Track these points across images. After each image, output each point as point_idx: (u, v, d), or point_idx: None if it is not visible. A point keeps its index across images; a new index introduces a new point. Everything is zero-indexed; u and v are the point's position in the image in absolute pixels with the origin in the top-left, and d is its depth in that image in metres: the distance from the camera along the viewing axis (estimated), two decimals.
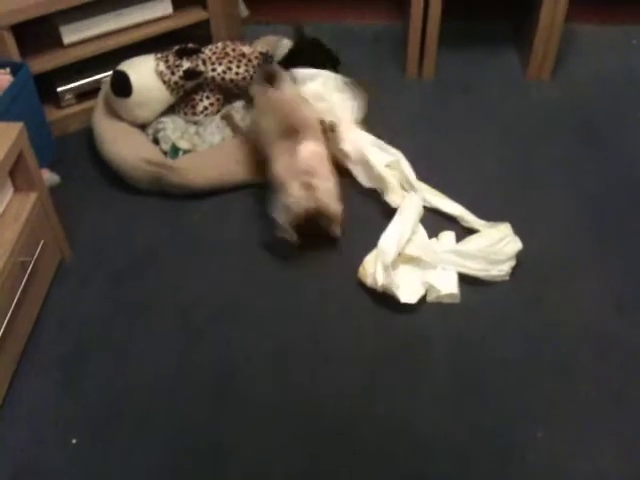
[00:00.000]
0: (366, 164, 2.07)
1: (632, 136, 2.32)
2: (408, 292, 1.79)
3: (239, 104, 2.31)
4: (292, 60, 2.28)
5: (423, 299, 1.81)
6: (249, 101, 2.20)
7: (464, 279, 1.84)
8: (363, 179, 2.09)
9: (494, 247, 1.86)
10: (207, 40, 2.38)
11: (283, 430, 1.57)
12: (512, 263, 1.86)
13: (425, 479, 1.49)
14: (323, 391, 1.64)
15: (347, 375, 1.67)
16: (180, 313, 1.82)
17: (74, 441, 1.55)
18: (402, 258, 1.85)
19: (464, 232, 1.96)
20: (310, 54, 2.29)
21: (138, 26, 2.34)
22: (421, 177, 2.08)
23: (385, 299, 1.79)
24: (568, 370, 1.66)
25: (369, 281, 1.81)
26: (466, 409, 1.60)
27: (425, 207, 2.02)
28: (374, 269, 1.80)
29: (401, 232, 1.87)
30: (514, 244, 1.87)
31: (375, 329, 1.77)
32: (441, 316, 1.79)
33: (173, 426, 1.58)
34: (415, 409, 1.60)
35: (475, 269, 1.84)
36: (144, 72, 2.13)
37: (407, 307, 1.78)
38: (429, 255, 1.85)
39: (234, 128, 2.25)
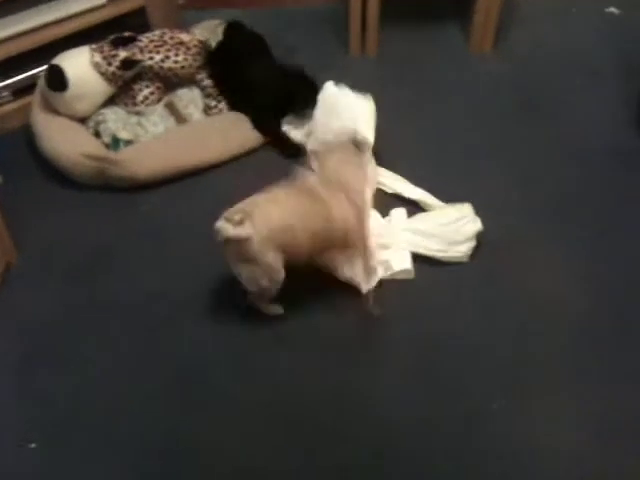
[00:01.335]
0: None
1: (573, 105, 2.34)
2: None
3: (182, 91, 2.28)
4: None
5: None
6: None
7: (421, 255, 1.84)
8: None
9: (451, 226, 1.82)
10: (146, 28, 2.34)
11: (244, 424, 1.56)
12: (471, 244, 1.83)
13: (387, 456, 1.50)
14: (284, 379, 1.64)
15: (305, 361, 1.67)
16: (137, 310, 1.79)
17: (32, 446, 1.53)
18: None
19: (417, 209, 1.96)
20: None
21: (73, 17, 2.29)
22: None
23: (337, 280, 1.78)
24: (525, 341, 1.68)
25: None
26: (427, 387, 1.61)
27: (386, 192, 2.01)
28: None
29: None
30: (474, 224, 1.83)
31: (330, 312, 1.76)
32: (395, 294, 1.78)
33: (132, 427, 1.56)
34: (376, 389, 1.61)
35: (432, 249, 1.82)
36: (79, 64, 2.08)
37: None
38: (385, 237, 1.84)
39: (178, 116, 2.22)
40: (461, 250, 1.82)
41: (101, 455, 1.52)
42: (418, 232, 1.83)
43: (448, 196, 1.96)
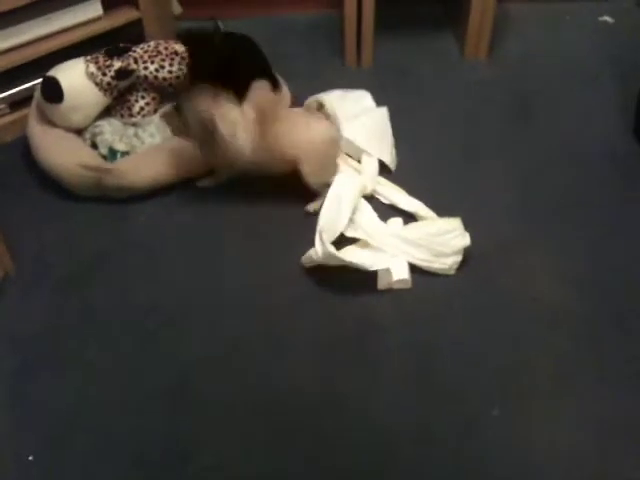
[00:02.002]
0: None
1: (570, 111, 2.35)
2: (356, 259, 1.76)
3: None
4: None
5: (374, 286, 1.80)
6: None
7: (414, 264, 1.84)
8: None
9: (439, 237, 1.81)
10: (141, 40, 2.34)
11: (243, 428, 1.55)
12: (457, 258, 1.81)
13: (387, 462, 1.49)
14: (283, 384, 1.63)
15: (303, 367, 1.66)
16: (132, 318, 1.78)
17: (30, 458, 1.51)
18: (350, 241, 1.85)
19: (411, 220, 1.96)
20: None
21: (69, 30, 2.30)
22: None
23: (334, 288, 1.79)
24: (524, 344, 1.68)
25: (313, 257, 1.79)
26: (425, 393, 1.60)
27: (383, 203, 2.02)
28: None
29: (337, 212, 1.86)
30: (462, 239, 1.82)
31: (328, 319, 1.76)
32: (392, 302, 1.78)
33: (131, 435, 1.55)
34: (374, 396, 1.60)
35: (418, 258, 1.82)
36: (74, 75, 2.08)
37: (358, 295, 1.78)
38: (375, 238, 1.84)
39: (174, 127, 2.22)
40: (447, 263, 1.81)
41: (102, 456, 1.51)
42: (406, 240, 1.83)
43: (445, 202, 1.97)
